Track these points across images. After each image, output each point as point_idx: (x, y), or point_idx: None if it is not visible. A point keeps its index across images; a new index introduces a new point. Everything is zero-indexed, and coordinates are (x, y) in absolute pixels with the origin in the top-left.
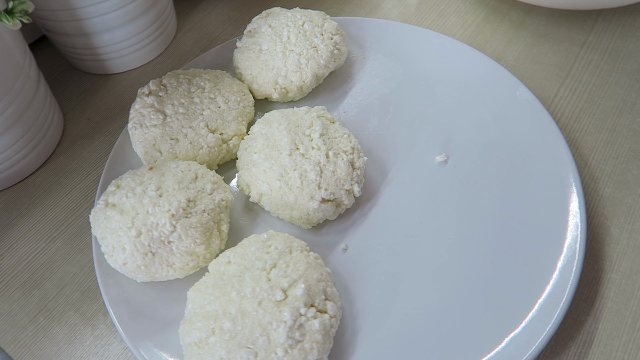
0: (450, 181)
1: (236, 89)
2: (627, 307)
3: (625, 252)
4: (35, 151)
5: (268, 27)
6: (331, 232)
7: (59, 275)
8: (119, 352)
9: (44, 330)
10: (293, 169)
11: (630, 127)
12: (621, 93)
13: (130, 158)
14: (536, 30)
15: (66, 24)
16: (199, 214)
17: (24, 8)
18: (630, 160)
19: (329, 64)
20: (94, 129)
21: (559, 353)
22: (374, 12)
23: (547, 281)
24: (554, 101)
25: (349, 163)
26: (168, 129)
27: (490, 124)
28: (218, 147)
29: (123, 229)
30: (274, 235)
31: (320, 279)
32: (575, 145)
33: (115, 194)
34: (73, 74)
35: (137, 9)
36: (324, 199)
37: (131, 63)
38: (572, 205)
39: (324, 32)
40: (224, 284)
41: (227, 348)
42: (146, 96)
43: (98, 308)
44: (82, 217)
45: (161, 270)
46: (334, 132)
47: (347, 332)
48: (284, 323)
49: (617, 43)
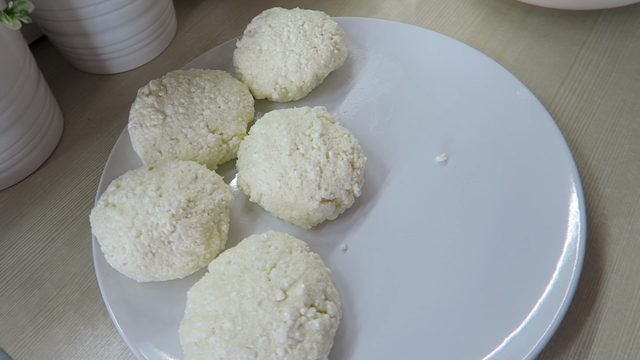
0: (450, 181)
1: (236, 89)
2: (627, 307)
3: (625, 252)
4: (35, 151)
5: (268, 27)
6: (331, 232)
7: (59, 275)
8: (119, 352)
9: (44, 330)
10: (293, 169)
11: (630, 127)
12: (621, 93)
13: (130, 158)
14: (536, 30)
15: (66, 24)
16: (199, 214)
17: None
18: (630, 160)
19: (329, 64)
20: (94, 129)
21: (558, 353)
22: (374, 12)
23: (547, 281)
24: (554, 101)
25: (349, 163)
26: (168, 129)
27: (490, 124)
28: (218, 147)
29: (123, 229)
30: (274, 235)
31: (320, 279)
32: (575, 145)
33: (115, 194)
34: (73, 74)
35: (137, 9)
36: (324, 199)
37: (131, 63)
38: (572, 205)
39: (324, 32)
40: (224, 284)
41: (227, 348)
42: (146, 96)
43: (98, 308)
44: (82, 217)
45: (161, 270)
46: (334, 132)
47: (347, 332)
48: (284, 323)
49: (617, 43)
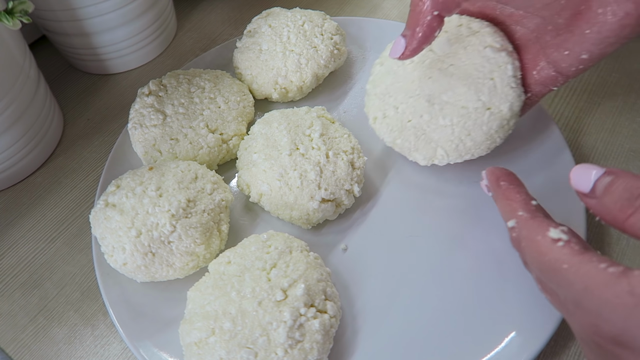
0: (450, 181)
1: (236, 89)
2: None
3: (625, 252)
4: (35, 151)
5: (268, 27)
6: (331, 232)
7: (59, 275)
8: (119, 352)
9: (44, 330)
10: (293, 169)
11: (630, 127)
12: (621, 93)
13: (130, 158)
14: None
15: (66, 24)
16: (199, 214)
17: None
18: (630, 160)
19: (329, 64)
20: (94, 129)
21: (558, 353)
22: (374, 12)
23: None
24: (554, 101)
25: (348, 163)
26: (168, 129)
27: None
28: (218, 147)
29: (123, 229)
30: (274, 235)
31: (320, 279)
32: (576, 146)
33: (115, 194)
34: (73, 74)
35: (137, 9)
36: (324, 199)
37: (131, 63)
38: (572, 205)
39: (323, 32)
40: (224, 284)
41: (227, 348)
42: (146, 96)
43: (98, 308)
44: (82, 217)
45: (161, 270)
46: (334, 132)
47: (347, 332)
48: (284, 323)
49: None
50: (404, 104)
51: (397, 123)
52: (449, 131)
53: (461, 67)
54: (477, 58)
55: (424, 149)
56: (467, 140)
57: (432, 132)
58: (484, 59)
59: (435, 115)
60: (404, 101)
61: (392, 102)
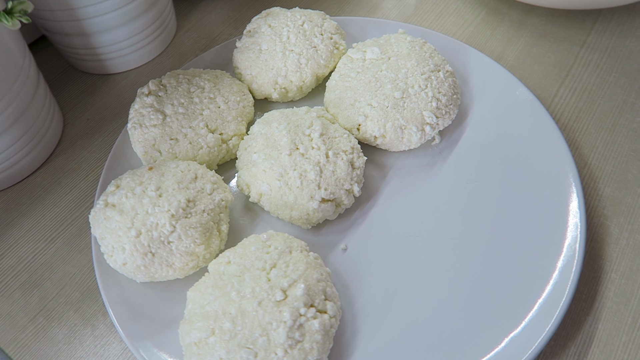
0: (450, 181)
1: (236, 89)
2: (627, 307)
3: (625, 252)
4: (35, 151)
5: (268, 27)
6: (331, 232)
7: (58, 275)
8: (119, 352)
9: (44, 330)
10: (293, 169)
11: (630, 127)
12: (621, 93)
13: (130, 158)
14: (536, 30)
15: (66, 24)
16: (199, 214)
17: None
18: (630, 160)
19: (329, 64)
20: (93, 129)
21: (558, 353)
22: (374, 12)
23: (547, 281)
24: (553, 101)
25: (348, 163)
26: (168, 129)
27: (490, 123)
28: (218, 147)
29: (123, 229)
30: (274, 235)
31: (320, 279)
32: (575, 145)
33: (115, 194)
34: (73, 74)
35: (137, 9)
36: (324, 198)
37: (131, 63)
38: (572, 205)
39: (323, 32)
40: (223, 284)
41: (227, 348)
42: (146, 96)
43: (98, 308)
44: (81, 217)
45: (161, 271)
46: (333, 132)
47: (347, 332)
48: (284, 323)
49: (617, 43)
50: (375, 98)
51: (380, 113)
52: (423, 95)
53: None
54: (404, 49)
55: (412, 119)
56: (441, 97)
57: (411, 103)
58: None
59: (405, 88)
60: (374, 96)
61: (365, 103)
